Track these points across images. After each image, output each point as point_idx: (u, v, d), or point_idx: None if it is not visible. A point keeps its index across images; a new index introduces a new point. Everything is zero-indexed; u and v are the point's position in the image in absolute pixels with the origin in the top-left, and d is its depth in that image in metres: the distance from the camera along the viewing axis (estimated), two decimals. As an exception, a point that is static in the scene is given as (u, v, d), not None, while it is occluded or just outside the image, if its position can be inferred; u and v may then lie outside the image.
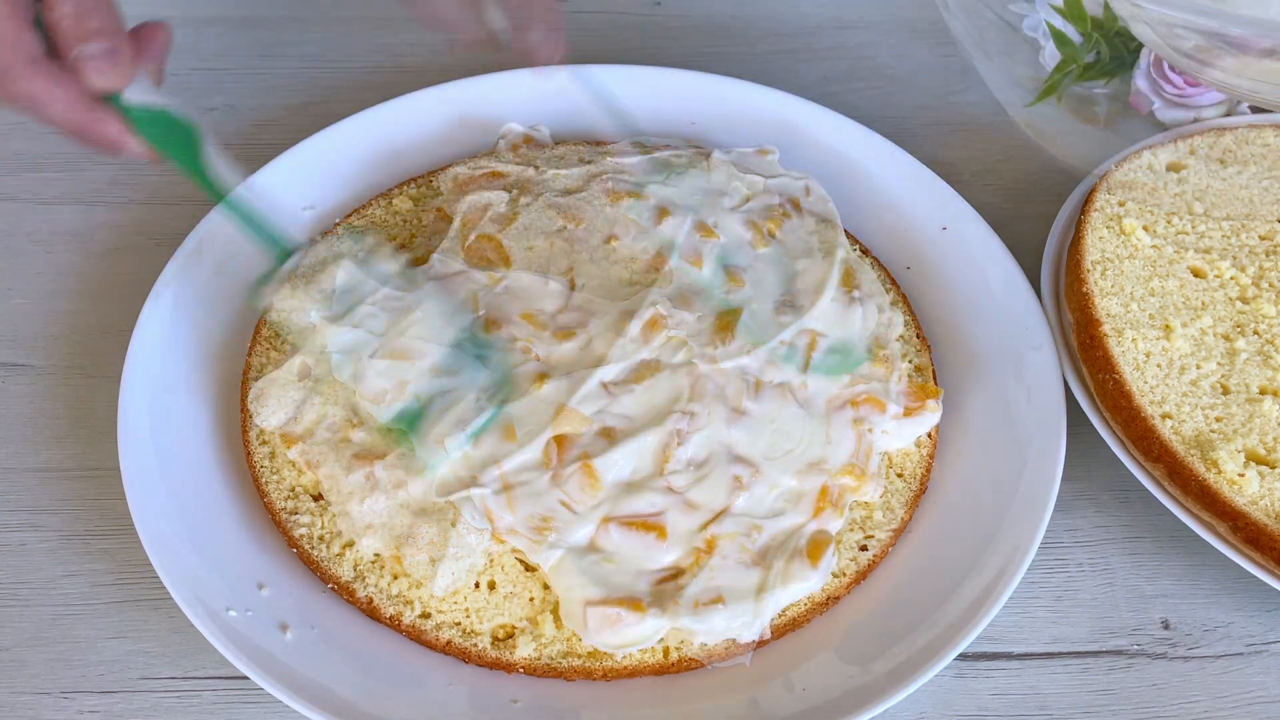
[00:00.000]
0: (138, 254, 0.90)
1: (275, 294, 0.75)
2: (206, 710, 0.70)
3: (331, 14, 1.09)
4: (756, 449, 0.73)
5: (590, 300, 0.78)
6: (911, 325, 0.84)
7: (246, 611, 0.69)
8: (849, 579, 0.73)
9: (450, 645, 0.70)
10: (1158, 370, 0.78)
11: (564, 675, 0.69)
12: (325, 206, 0.89)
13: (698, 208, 0.83)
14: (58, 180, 0.94)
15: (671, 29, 1.10)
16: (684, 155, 0.87)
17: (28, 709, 0.70)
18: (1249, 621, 0.76)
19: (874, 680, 0.68)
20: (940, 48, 1.10)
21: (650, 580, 0.69)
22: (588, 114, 0.94)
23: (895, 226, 0.90)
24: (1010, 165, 1.00)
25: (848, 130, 0.94)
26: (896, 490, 0.77)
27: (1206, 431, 0.76)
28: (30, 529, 0.77)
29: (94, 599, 0.74)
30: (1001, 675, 0.73)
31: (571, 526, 0.69)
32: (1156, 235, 0.85)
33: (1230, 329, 0.81)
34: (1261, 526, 0.71)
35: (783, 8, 1.12)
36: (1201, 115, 0.97)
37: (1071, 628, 0.75)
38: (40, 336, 0.86)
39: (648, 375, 0.74)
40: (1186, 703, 0.73)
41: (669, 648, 0.70)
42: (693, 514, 0.71)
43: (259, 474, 0.75)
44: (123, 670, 0.72)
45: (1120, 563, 0.78)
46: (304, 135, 0.91)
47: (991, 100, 1.05)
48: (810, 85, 1.05)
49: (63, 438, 0.81)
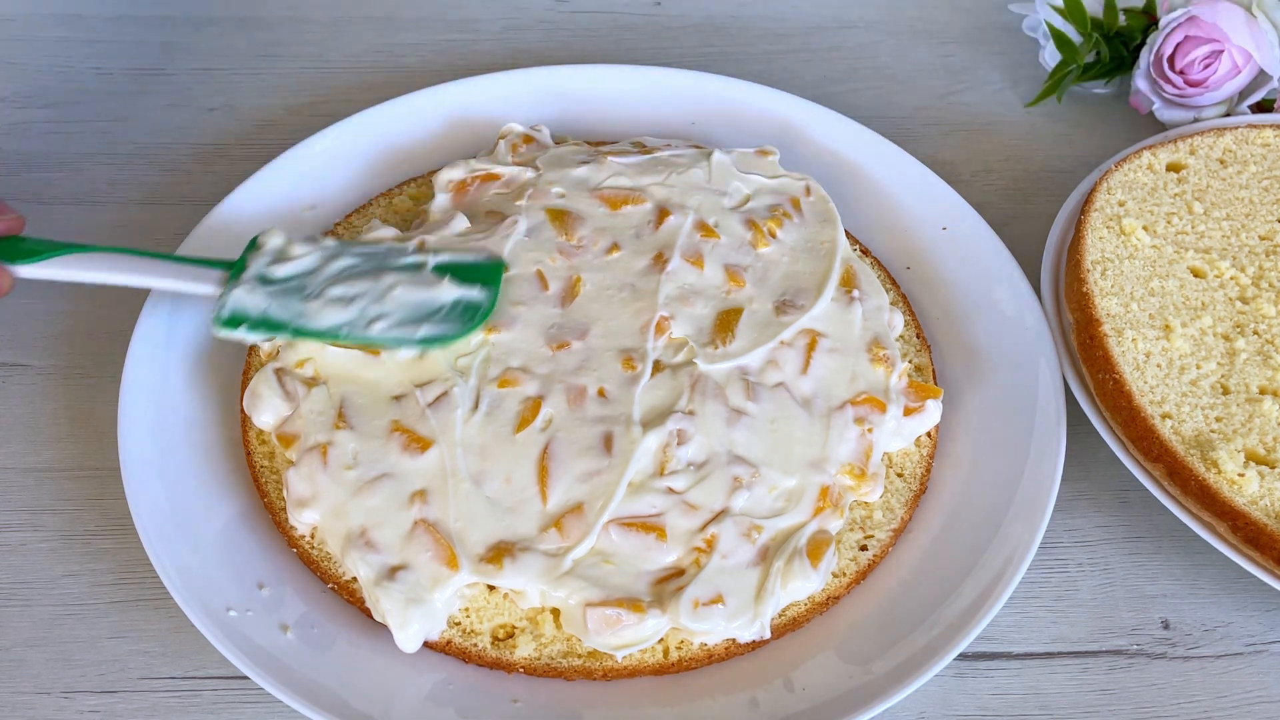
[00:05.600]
0: (138, 254, 0.90)
1: (232, 304, 0.74)
2: (206, 710, 0.70)
3: (331, 14, 1.09)
4: (756, 449, 0.73)
5: (590, 309, 0.78)
6: (911, 325, 0.84)
7: (246, 611, 0.69)
8: (849, 579, 0.73)
9: (450, 645, 0.70)
10: (1158, 370, 0.78)
11: (564, 675, 0.69)
12: (326, 206, 0.89)
13: (698, 208, 0.83)
14: (58, 180, 0.94)
15: (671, 29, 1.10)
16: (684, 155, 0.87)
17: (28, 709, 0.70)
18: (1249, 621, 0.76)
19: (874, 680, 0.68)
20: (940, 48, 1.10)
21: (650, 581, 0.69)
22: (588, 114, 0.94)
23: (895, 226, 0.90)
24: (1010, 165, 1.00)
25: (848, 130, 0.94)
26: (896, 490, 0.77)
27: (1206, 431, 0.76)
28: (30, 529, 0.77)
29: (94, 599, 0.74)
30: (1001, 675, 0.73)
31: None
32: (1156, 235, 0.85)
33: (1230, 329, 0.81)
34: (1261, 526, 0.71)
35: (783, 8, 1.12)
36: (1201, 115, 0.97)
37: (1071, 627, 0.75)
38: (40, 336, 0.86)
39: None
40: (1186, 703, 0.73)
41: (669, 648, 0.70)
42: (693, 514, 0.71)
43: (259, 474, 0.75)
44: (123, 670, 0.72)
45: (1120, 563, 0.78)
46: (304, 135, 0.91)
47: (991, 100, 1.05)
48: (810, 85, 1.05)
49: (63, 438, 0.81)
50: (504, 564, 0.68)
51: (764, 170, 0.87)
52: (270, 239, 0.77)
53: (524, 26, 1.09)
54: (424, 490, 0.71)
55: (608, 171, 0.85)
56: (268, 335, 0.74)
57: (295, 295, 0.75)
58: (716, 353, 0.76)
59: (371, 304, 0.74)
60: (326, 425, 0.73)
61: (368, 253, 0.78)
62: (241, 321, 0.74)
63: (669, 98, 0.96)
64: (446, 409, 0.73)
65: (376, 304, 0.74)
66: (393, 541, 0.69)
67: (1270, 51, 0.95)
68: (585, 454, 0.72)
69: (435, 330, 0.74)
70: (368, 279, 0.75)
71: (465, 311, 0.75)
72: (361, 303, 0.74)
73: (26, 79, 1.02)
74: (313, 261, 0.76)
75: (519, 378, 0.75)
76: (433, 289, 0.75)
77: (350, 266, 0.76)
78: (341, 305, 0.74)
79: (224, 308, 0.74)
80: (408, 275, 0.76)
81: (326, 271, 0.76)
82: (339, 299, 0.74)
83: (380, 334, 0.74)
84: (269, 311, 0.74)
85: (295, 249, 0.77)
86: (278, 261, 0.76)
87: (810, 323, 0.79)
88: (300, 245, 0.77)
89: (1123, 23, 1.01)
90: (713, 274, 0.80)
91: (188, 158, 0.97)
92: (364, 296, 0.74)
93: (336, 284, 0.75)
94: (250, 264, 0.76)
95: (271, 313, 0.74)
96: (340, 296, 0.74)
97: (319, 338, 0.74)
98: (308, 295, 0.75)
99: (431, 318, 0.74)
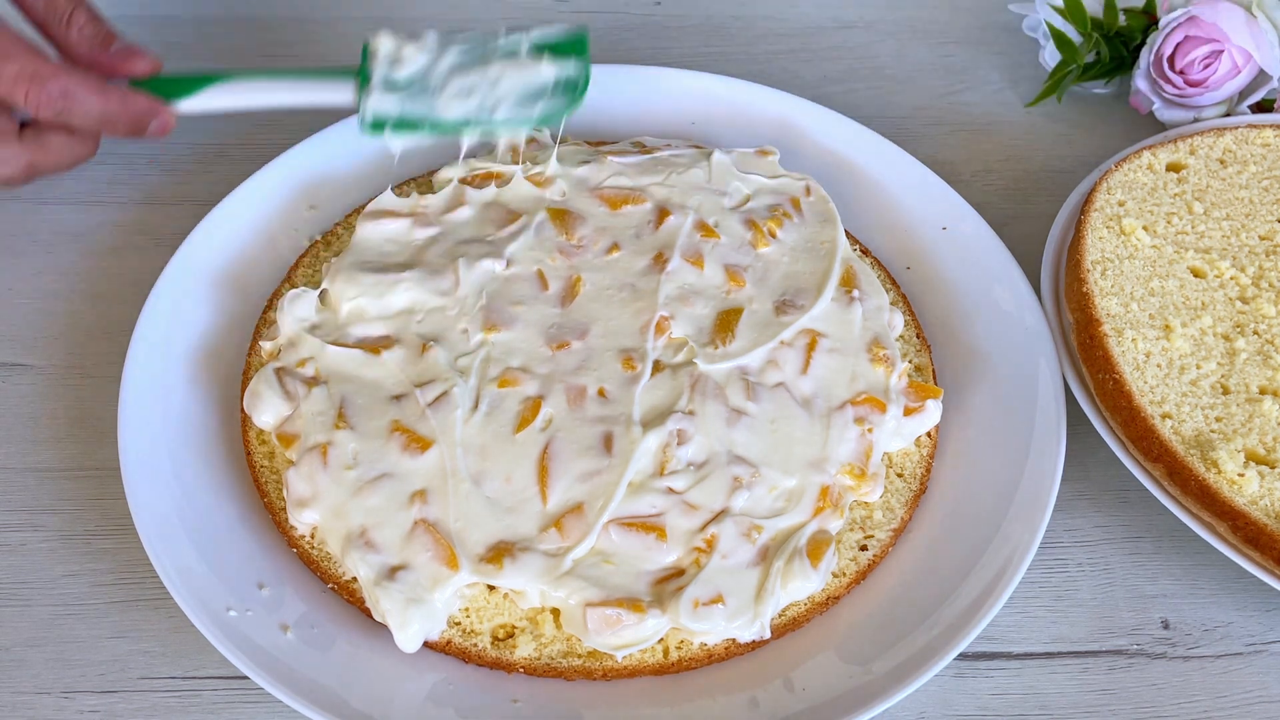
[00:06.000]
0: (138, 254, 0.90)
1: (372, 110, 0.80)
2: (206, 710, 0.70)
3: (331, 14, 1.09)
4: (756, 449, 0.73)
5: (590, 309, 0.78)
6: (911, 325, 0.84)
7: (246, 611, 0.69)
8: (849, 579, 0.73)
9: (450, 645, 0.70)
10: (1158, 370, 0.78)
11: (564, 675, 0.69)
12: (326, 206, 0.89)
13: (698, 208, 0.83)
14: (58, 180, 0.94)
15: (671, 29, 1.10)
16: (684, 155, 0.87)
17: (28, 709, 0.70)
18: (1249, 621, 0.76)
19: (874, 680, 0.68)
20: (940, 48, 1.10)
21: (650, 581, 0.69)
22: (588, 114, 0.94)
23: (895, 226, 0.90)
24: (1010, 165, 1.00)
25: (848, 130, 0.94)
26: (896, 490, 0.77)
27: (1206, 431, 0.76)
28: (30, 529, 0.77)
29: (94, 599, 0.74)
30: (1001, 675, 0.73)
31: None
32: (1156, 235, 0.85)
33: (1230, 329, 0.81)
34: (1261, 526, 0.71)
35: (783, 8, 1.12)
36: (1201, 115, 0.97)
37: (1071, 627, 0.75)
38: (40, 336, 0.86)
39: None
40: (1186, 703, 0.73)
41: (669, 648, 0.70)
42: (692, 514, 0.71)
43: (259, 474, 0.75)
44: (123, 670, 0.72)
45: (1120, 563, 0.78)
46: (304, 135, 0.91)
47: (991, 100, 1.05)
48: (810, 85, 1.05)
49: (63, 438, 0.81)
50: (504, 564, 0.68)
51: (764, 170, 0.87)
52: (381, 44, 0.82)
53: (524, 27, 1.09)
54: (424, 490, 0.71)
55: (608, 171, 0.85)
56: (409, 134, 0.79)
57: (421, 94, 0.80)
58: (716, 353, 0.76)
59: (489, 93, 0.79)
60: (326, 425, 0.73)
61: (470, 44, 0.82)
62: (383, 124, 0.79)
63: (669, 98, 0.96)
64: (446, 409, 0.73)
65: (492, 89, 0.79)
66: (393, 541, 0.69)
67: (1270, 51, 0.95)
68: (585, 454, 0.72)
69: (548, 108, 0.79)
70: (477, 70, 0.80)
71: (566, 87, 0.80)
72: (480, 93, 0.79)
73: (26, 79, 1.02)
74: (425, 60, 0.81)
75: (519, 378, 0.75)
76: (535, 70, 0.80)
77: (459, 62, 0.81)
78: (463, 98, 0.79)
79: (366, 113, 0.79)
80: (510, 61, 0.81)
81: (440, 68, 0.81)
82: (460, 93, 0.79)
83: (505, 118, 0.79)
84: (405, 112, 0.79)
85: (405, 50, 0.81)
86: (395, 64, 0.81)
87: (810, 323, 0.79)
88: (409, 46, 0.82)
89: (1123, 23, 1.01)
90: (713, 274, 0.80)
91: (188, 158, 0.97)
92: (480, 87, 0.80)
93: (453, 78, 0.80)
94: (373, 70, 0.81)
95: (407, 112, 0.79)
96: (460, 90, 0.79)
97: (453, 131, 0.79)
98: (431, 92, 0.80)
99: (541, 97, 0.79)
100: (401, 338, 0.77)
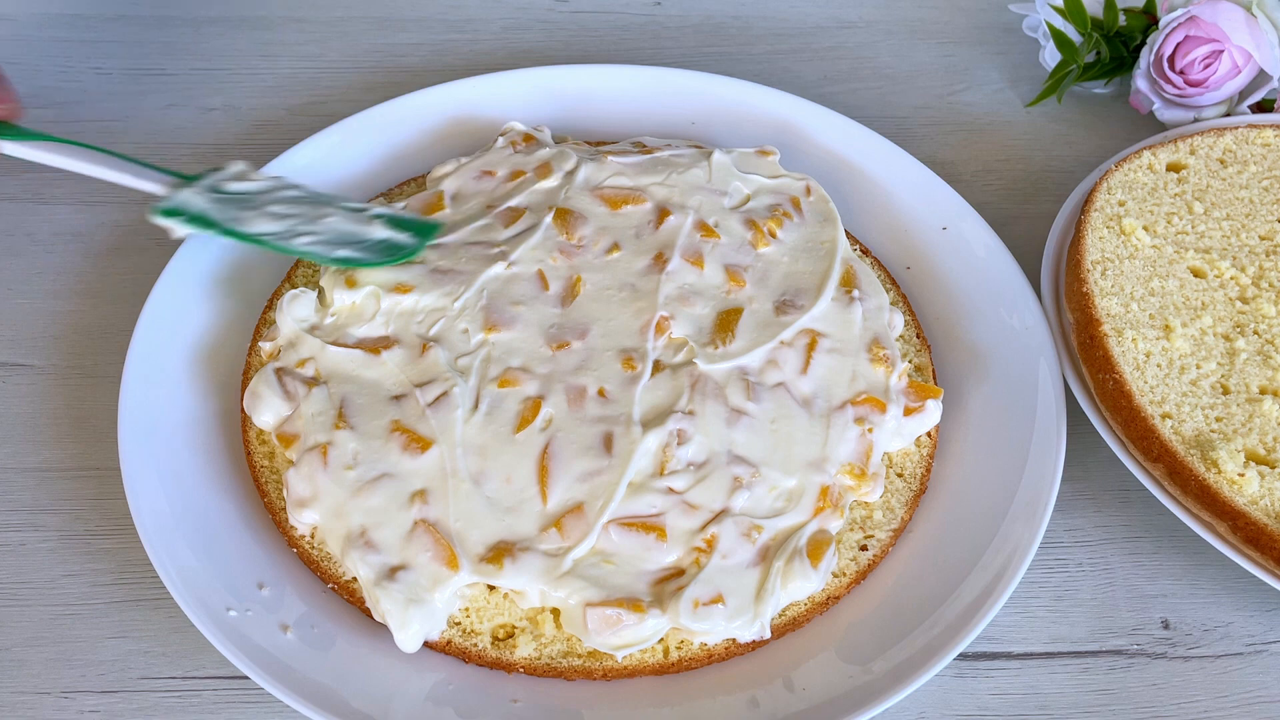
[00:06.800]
0: (138, 254, 0.90)
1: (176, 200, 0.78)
2: (206, 710, 0.70)
3: (331, 14, 1.09)
4: (756, 449, 0.73)
5: (590, 309, 0.78)
6: (911, 325, 0.84)
7: (246, 611, 0.69)
8: (849, 579, 0.73)
9: (450, 645, 0.70)
10: (1158, 370, 0.78)
11: (564, 675, 0.69)
12: (325, 206, 0.89)
13: (698, 208, 0.83)
14: (58, 180, 0.94)
15: (671, 29, 1.10)
16: (684, 155, 0.87)
17: (28, 709, 0.70)
18: (1249, 621, 0.76)
19: (874, 680, 0.68)
20: (940, 48, 1.10)
21: (650, 581, 0.69)
22: (588, 114, 0.94)
23: (895, 226, 0.90)
24: (1010, 165, 1.00)
25: (848, 130, 0.94)
26: (896, 490, 0.77)
27: (1206, 431, 0.76)
28: (30, 529, 0.77)
29: (94, 599, 0.74)
30: (1001, 675, 0.73)
31: None
32: (1156, 235, 0.85)
33: (1230, 329, 0.81)
34: (1261, 526, 0.71)
35: (783, 8, 1.12)
36: (1201, 115, 0.97)
37: (1071, 627, 0.75)
38: (40, 336, 0.86)
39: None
40: (1186, 703, 0.73)
41: (669, 648, 0.70)
42: (693, 514, 0.71)
43: (259, 474, 0.75)
44: (123, 670, 0.72)
45: (1120, 563, 0.78)
46: (304, 135, 0.91)
47: (991, 100, 1.05)
48: (810, 85, 1.05)
49: (63, 438, 0.81)
50: (504, 564, 0.68)
51: (764, 170, 0.87)
52: (234, 164, 0.81)
53: (524, 26, 1.09)
54: (424, 490, 0.71)
55: (608, 171, 0.85)
56: (198, 230, 0.77)
57: (234, 205, 0.78)
58: (716, 353, 0.76)
59: (302, 224, 0.78)
60: (326, 425, 0.73)
61: (321, 193, 0.81)
62: (179, 215, 0.77)
63: (669, 98, 0.96)
64: (446, 409, 0.73)
65: (307, 225, 0.78)
66: (393, 541, 0.69)
67: (1270, 51, 0.95)
68: (585, 454, 0.72)
69: (353, 255, 0.77)
70: (308, 206, 0.79)
71: (389, 250, 0.78)
72: (293, 220, 0.78)
73: (26, 79, 1.02)
74: (266, 186, 0.80)
75: (519, 378, 0.75)
76: (365, 226, 0.79)
77: (299, 197, 0.80)
78: (274, 219, 0.78)
79: (167, 201, 0.78)
80: (347, 213, 0.80)
81: (275, 196, 0.80)
82: (274, 214, 0.78)
83: (301, 246, 0.77)
84: (207, 212, 0.78)
85: (254, 174, 0.81)
86: (233, 179, 0.80)
87: (810, 322, 0.79)
88: (260, 174, 0.81)
89: (1123, 23, 1.01)
90: (713, 274, 0.80)
91: (188, 158, 0.97)
92: (298, 217, 0.78)
93: (278, 204, 0.79)
94: (207, 176, 0.80)
95: (209, 213, 0.78)
96: (276, 213, 0.78)
97: (243, 239, 0.77)
98: (246, 207, 0.78)
99: (354, 246, 0.78)
100: (401, 338, 0.77)
